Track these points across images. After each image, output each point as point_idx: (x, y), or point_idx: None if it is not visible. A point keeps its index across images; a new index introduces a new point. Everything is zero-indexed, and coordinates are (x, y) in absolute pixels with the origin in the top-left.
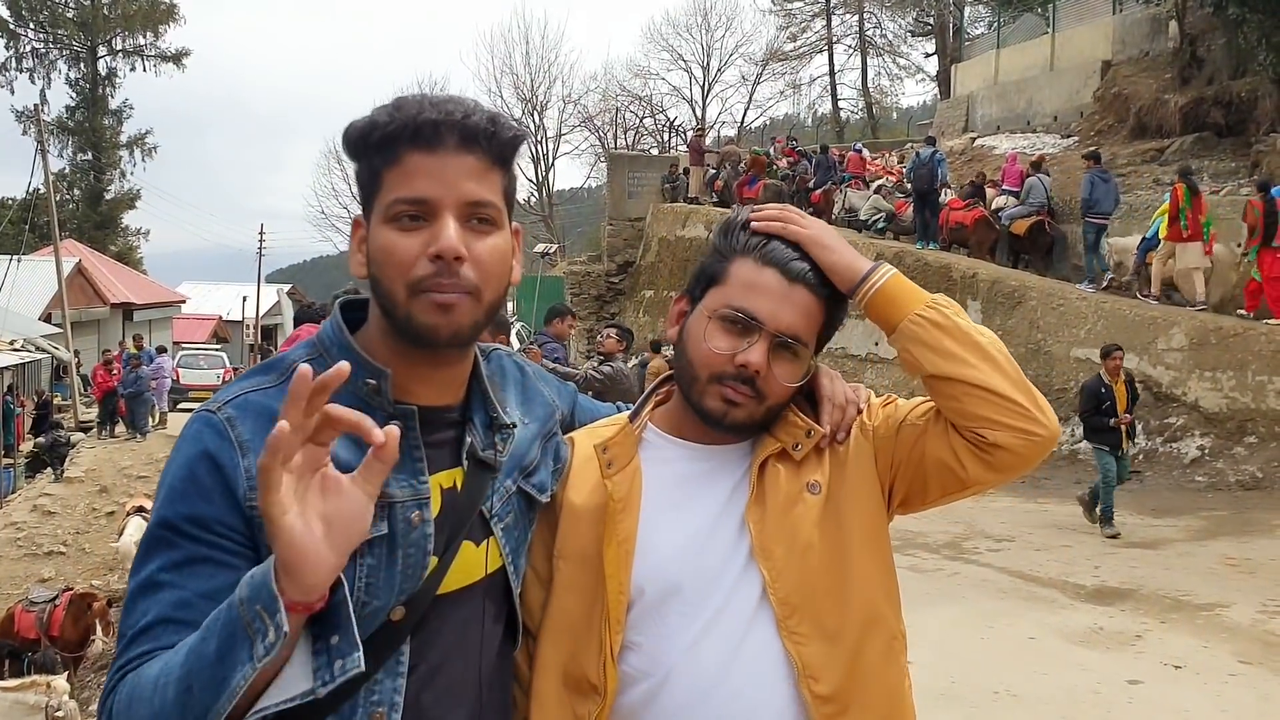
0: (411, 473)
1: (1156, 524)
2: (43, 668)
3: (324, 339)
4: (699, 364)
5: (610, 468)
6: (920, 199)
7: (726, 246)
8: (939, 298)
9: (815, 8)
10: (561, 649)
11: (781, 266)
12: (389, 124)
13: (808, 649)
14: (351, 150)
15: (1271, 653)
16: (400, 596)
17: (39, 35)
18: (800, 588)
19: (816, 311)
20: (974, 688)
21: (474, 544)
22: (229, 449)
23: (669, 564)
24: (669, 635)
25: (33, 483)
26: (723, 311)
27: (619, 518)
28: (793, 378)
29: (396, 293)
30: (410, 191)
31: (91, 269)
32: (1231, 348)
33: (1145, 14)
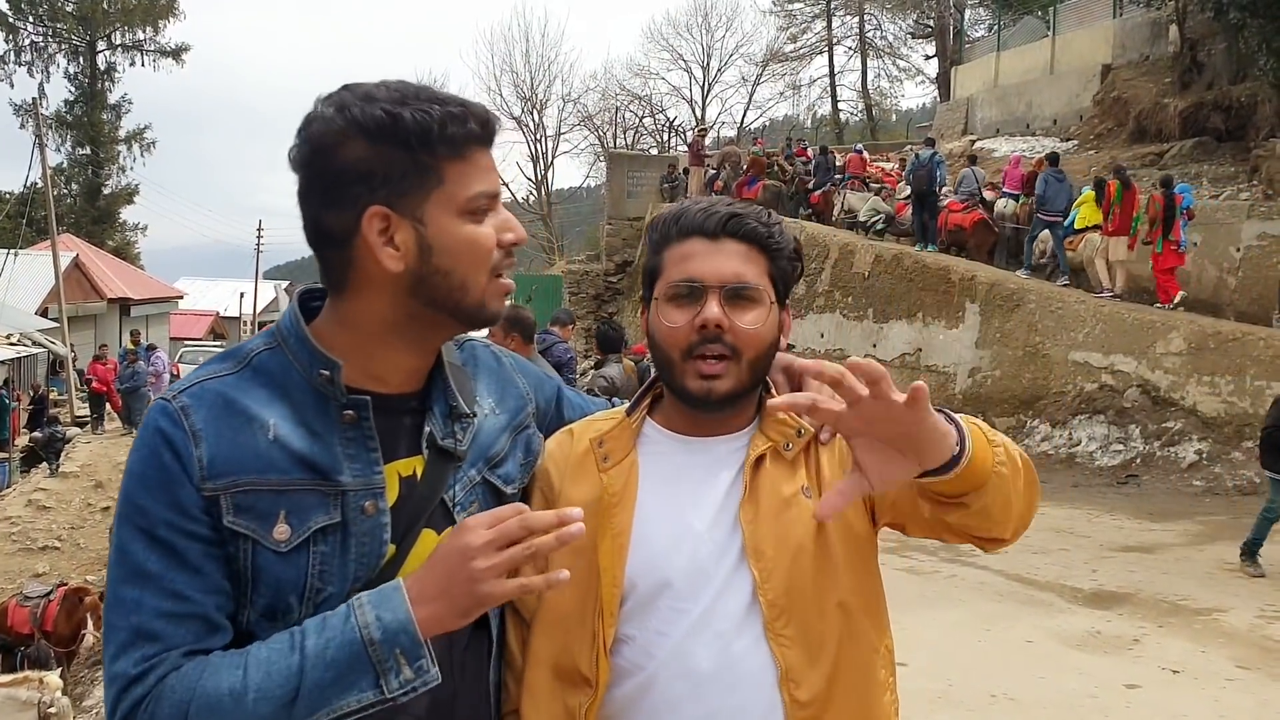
0: (366, 462)
1: (1154, 528)
2: (37, 663)
3: (283, 329)
4: (667, 346)
5: (606, 461)
6: (919, 201)
7: (656, 242)
8: (991, 434)
9: (816, 9)
10: (554, 640)
11: (699, 228)
12: (464, 120)
13: (791, 652)
14: (402, 140)
15: (1269, 658)
16: (355, 583)
17: (38, 29)
18: (788, 590)
19: (755, 255)
20: (971, 691)
21: (435, 532)
22: (184, 437)
23: (662, 559)
24: (661, 630)
25: (28, 477)
26: (668, 291)
27: (614, 511)
28: (758, 322)
29: (475, 281)
30: (486, 186)
31: (89, 264)
32: (1230, 352)
33: (1145, 18)
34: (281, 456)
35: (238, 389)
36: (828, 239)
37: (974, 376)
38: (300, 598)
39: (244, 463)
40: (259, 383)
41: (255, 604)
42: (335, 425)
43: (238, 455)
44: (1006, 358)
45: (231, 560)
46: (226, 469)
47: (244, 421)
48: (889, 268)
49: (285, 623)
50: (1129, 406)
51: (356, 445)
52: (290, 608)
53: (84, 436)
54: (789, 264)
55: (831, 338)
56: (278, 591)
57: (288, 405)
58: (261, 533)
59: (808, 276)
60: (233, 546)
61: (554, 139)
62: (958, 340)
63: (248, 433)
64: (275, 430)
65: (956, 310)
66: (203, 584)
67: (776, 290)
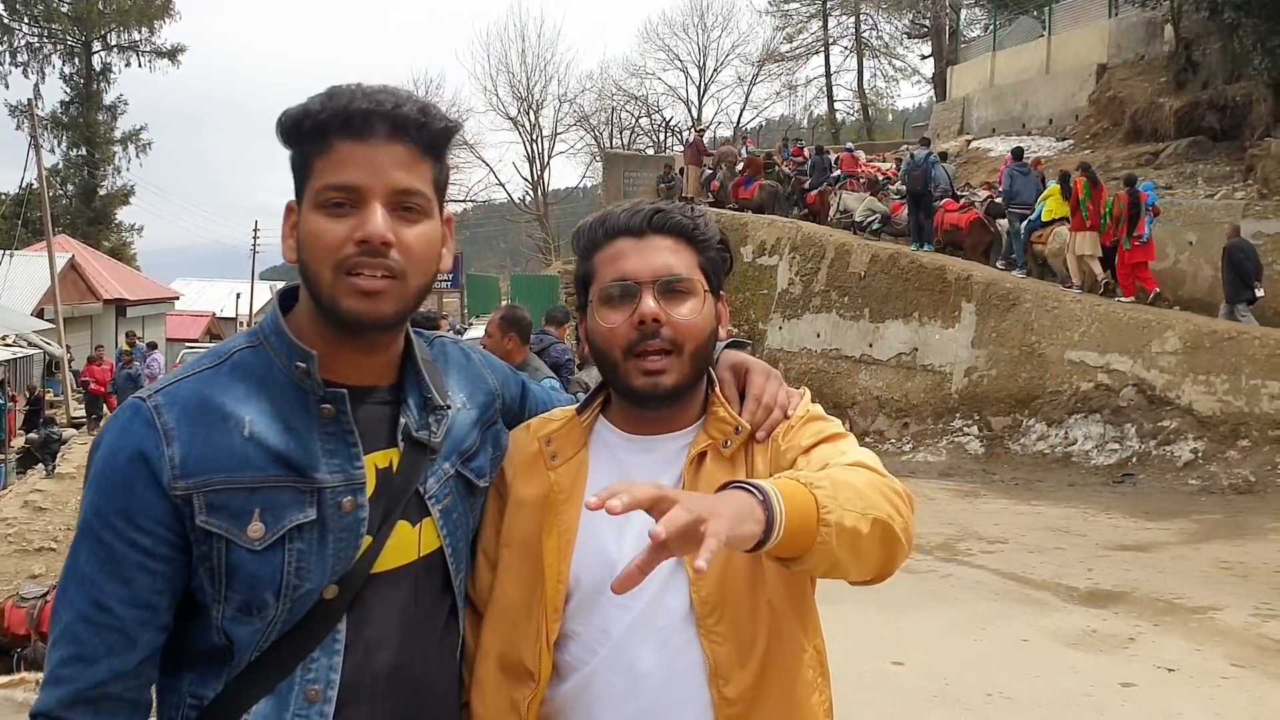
0: (346, 457)
1: (1149, 527)
2: (33, 664)
3: (264, 326)
4: (608, 347)
5: (554, 459)
6: (914, 201)
7: (585, 248)
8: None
9: (812, 9)
10: (501, 634)
11: (625, 227)
12: (320, 113)
13: (722, 649)
14: (285, 137)
15: (1264, 656)
16: (332, 577)
17: (33, 30)
18: (720, 588)
19: (683, 248)
20: (967, 689)
21: (409, 524)
22: (155, 437)
23: (606, 557)
24: (604, 627)
25: (24, 479)
26: (602, 293)
27: (561, 509)
28: (694, 313)
29: (323, 276)
30: (339, 178)
31: (85, 265)
32: (1225, 351)
33: (1141, 18)
34: (257, 453)
35: (215, 385)
36: (824, 239)
37: (970, 376)
38: (276, 594)
39: (218, 461)
40: (238, 378)
41: (230, 600)
42: (314, 421)
43: (211, 453)
44: (1002, 357)
45: (203, 560)
46: (199, 468)
47: (219, 419)
48: (885, 267)
49: (261, 619)
50: (1125, 405)
51: (336, 440)
52: (266, 604)
53: (80, 437)
54: (717, 254)
55: (828, 337)
56: (253, 588)
57: (266, 401)
58: (235, 532)
59: (804, 276)
60: (205, 545)
61: (550, 139)
62: (954, 340)
63: (222, 430)
64: (251, 427)
65: (953, 310)
66: (129, 596)
67: (709, 280)
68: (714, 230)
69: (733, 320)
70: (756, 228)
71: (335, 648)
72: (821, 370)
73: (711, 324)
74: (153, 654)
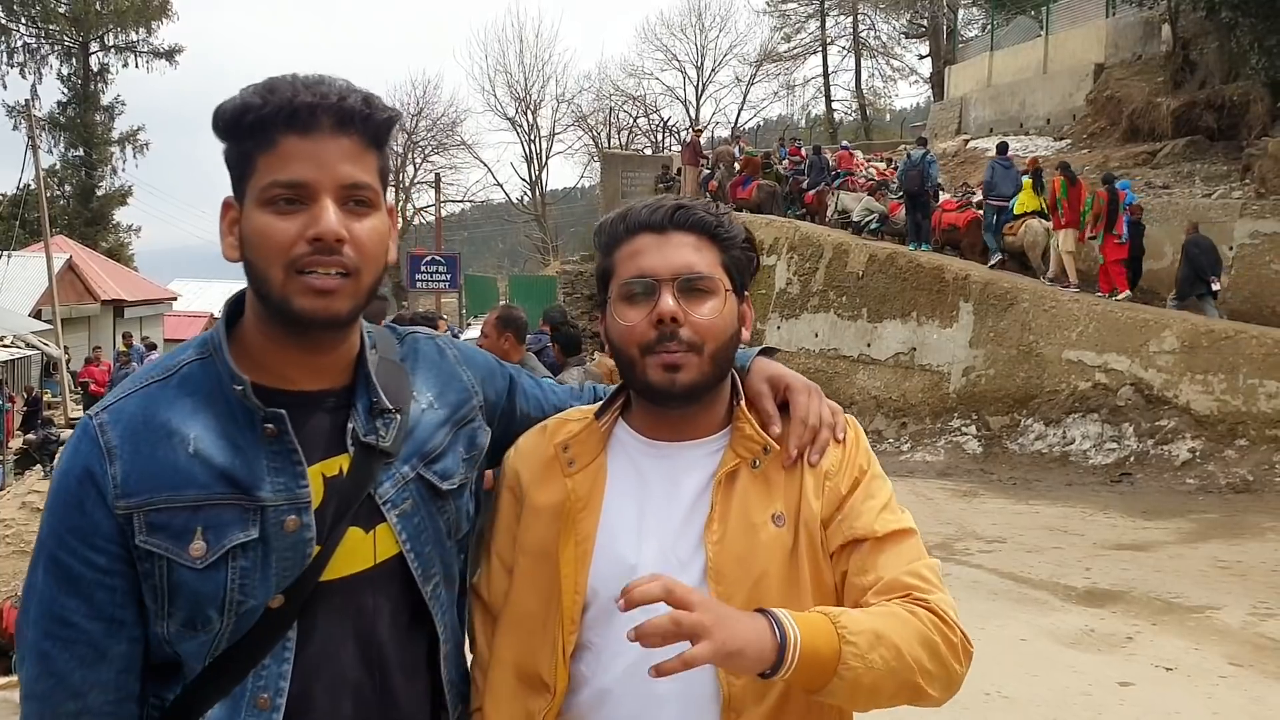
0: (291, 475)
1: (1147, 526)
2: None
3: (212, 338)
4: (626, 345)
5: (571, 466)
6: (912, 200)
7: (606, 244)
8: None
9: (809, 9)
10: (517, 643)
11: (646, 223)
12: (263, 107)
13: (738, 682)
14: (222, 133)
15: (1262, 655)
16: (277, 591)
17: (30, 30)
18: None
19: (706, 246)
20: (965, 689)
21: (362, 531)
22: (99, 456)
23: (624, 569)
24: (619, 643)
25: (22, 480)
26: (621, 290)
27: (579, 517)
28: (715, 312)
29: (273, 275)
30: (287, 175)
31: (82, 265)
32: (1223, 351)
33: (1138, 17)
34: (201, 470)
35: (161, 401)
36: (822, 238)
37: (968, 376)
38: (220, 610)
39: (160, 479)
40: (186, 392)
41: (174, 617)
42: (259, 438)
43: (153, 471)
44: (1000, 357)
45: (146, 578)
46: (140, 487)
47: (163, 436)
48: (883, 267)
49: (206, 633)
50: (1122, 405)
51: (281, 458)
52: (210, 619)
53: None
54: (742, 253)
55: (826, 337)
56: (196, 605)
57: (212, 416)
58: (176, 551)
59: (802, 276)
60: (148, 564)
61: (548, 139)
62: (952, 339)
63: (166, 447)
64: (196, 444)
65: (950, 309)
66: (90, 611)
67: (732, 280)
68: (739, 229)
69: None
70: (754, 227)
71: (285, 656)
72: (819, 370)
73: (733, 325)
74: (129, 666)
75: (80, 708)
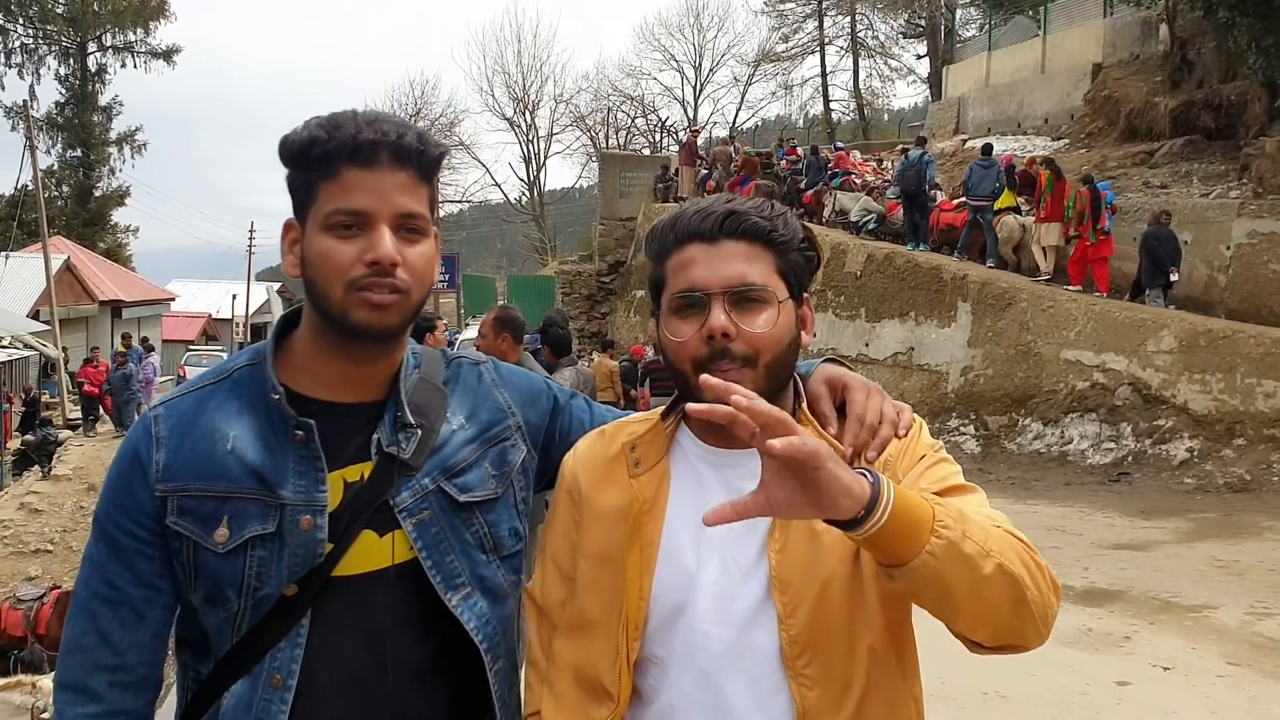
0: (311, 479)
1: (1145, 525)
2: (30, 666)
3: (263, 348)
4: (679, 360)
5: (638, 466)
6: (909, 200)
7: (657, 252)
8: (939, 505)
9: (807, 9)
10: (579, 648)
11: (696, 232)
12: (329, 141)
13: (812, 694)
14: (288, 162)
15: (1260, 654)
16: (290, 582)
17: (28, 31)
18: (812, 625)
19: (759, 253)
20: (963, 688)
21: (377, 534)
22: (149, 443)
23: (688, 577)
24: (686, 653)
25: (20, 480)
26: (672, 303)
27: (644, 520)
28: (770, 323)
29: (334, 293)
30: (349, 204)
31: (80, 266)
32: (1220, 350)
33: (1136, 17)
34: (235, 466)
35: (212, 402)
36: (820, 238)
37: (966, 375)
38: (238, 592)
39: (196, 469)
40: (235, 395)
41: (197, 591)
42: (290, 442)
43: (192, 462)
44: (999, 356)
45: (175, 554)
46: (178, 474)
47: (207, 432)
48: (881, 267)
49: (226, 611)
50: (1120, 404)
51: (306, 462)
52: (228, 599)
53: (76, 439)
54: (800, 255)
55: (824, 337)
56: (216, 584)
57: (253, 418)
58: (201, 534)
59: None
60: (176, 542)
61: (546, 140)
62: (950, 339)
63: (208, 443)
64: (234, 442)
65: (949, 309)
66: (133, 578)
67: (789, 285)
68: (795, 229)
69: None
70: None
71: (298, 641)
72: None
73: (791, 333)
74: (161, 632)
75: (118, 663)
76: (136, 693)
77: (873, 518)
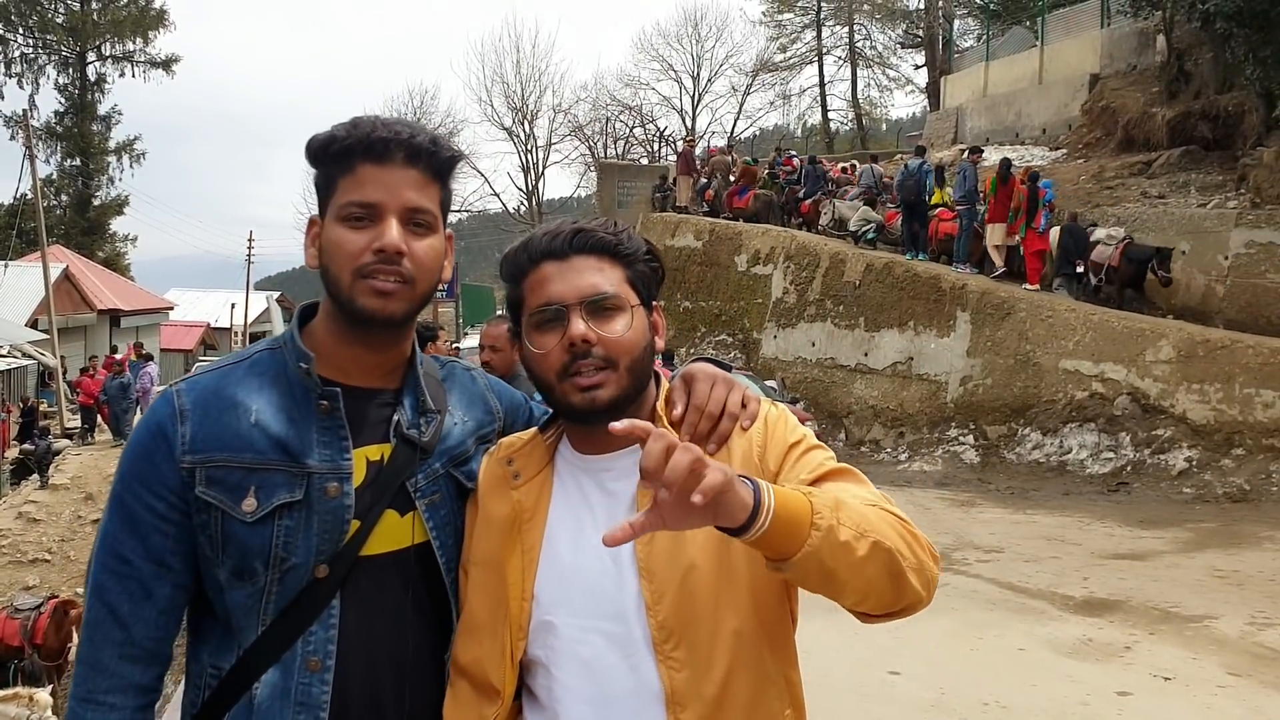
0: (336, 449)
1: (1144, 535)
2: (30, 677)
3: (284, 335)
4: (544, 371)
5: (517, 479)
6: (909, 210)
7: (513, 274)
8: (814, 497)
9: (805, 19)
10: (470, 651)
11: (548, 251)
12: (346, 138)
13: (680, 675)
14: (313, 159)
15: (1260, 665)
16: (320, 556)
17: (28, 40)
18: (677, 610)
19: (608, 265)
20: (963, 699)
21: (398, 514)
22: (172, 416)
23: (566, 577)
24: (569, 650)
25: (17, 490)
26: (532, 319)
27: (525, 528)
28: (626, 328)
29: (343, 279)
30: (361, 196)
31: (79, 275)
32: (1219, 360)
33: (1133, 28)
34: (260, 438)
35: (232, 379)
36: (819, 248)
37: (965, 385)
38: (265, 564)
39: (223, 441)
40: (255, 374)
41: (224, 565)
42: (313, 414)
43: (218, 434)
44: (998, 366)
45: (203, 528)
46: (205, 446)
47: (230, 406)
48: (880, 276)
49: (253, 585)
50: (1119, 414)
51: (330, 433)
52: (255, 572)
53: (74, 448)
54: (646, 266)
55: (823, 347)
56: (244, 555)
57: (276, 394)
58: (230, 504)
59: (798, 285)
60: (205, 514)
61: (545, 149)
62: (949, 349)
63: (232, 416)
64: (257, 415)
65: (948, 319)
66: (145, 551)
67: (639, 293)
68: (639, 243)
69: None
70: (751, 237)
71: (331, 622)
72: (817, 380)
73: (645, 337)
74: (169, 608)
75: (125, 637)
76: (146, 666)
77: (757, 523)
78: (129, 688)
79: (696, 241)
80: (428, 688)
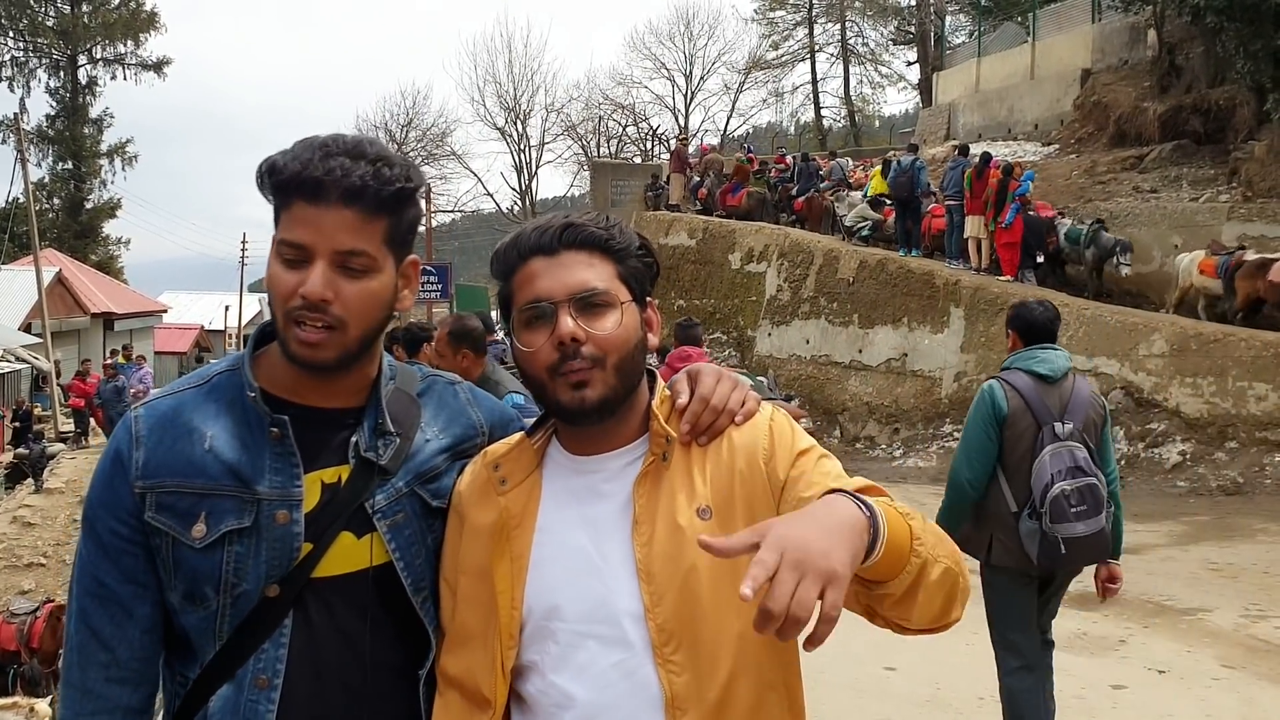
0: (288, 475)
1: (1138, 529)
2: (31, 683)
3: (241, 355)
4: (534, 369)
5: (504, 484)
6: (902, 207)
7: (502, 271)
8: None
9: (797, 16)
10: (460, 661)
11: (537, 246)
12: (283, 172)
13: (680, 679)
14: (259, 184)
15: (1254, 657)
16: (268, 580)
17: (18, 43)
18: (678, 613)
19: (599, 261)
20: (959, 694)
21: (354, 535)
22: (129, 442)
23: (559, 583)
24: (563, 656)
25: (12, 494)
26: (521, 316)
27: (514, 534)
28: (615, 325)
29: (278, 317)
30: (292, 236)
31: (72, 278)
32: (1212, 354)
33: (1124, 23)
34: (213, 463)
35: (191, 404)
36: (812, 245)
37: (959, 381)
38: (216, 589)
39: (174, 467)
40: (213, 398)
41: (176, 588)
42: (266, 440)
43: (170, 461)
44: (992, 361)
45: (156, 551)
46: (157, 471)
47: (185, 432)
48: (873, 273)
49: (205, 609)
50: (1112, 408)
51: (282, 459)
52: (207, 596)
53: (68, 452)
54: (639, 262)
55: (817, 344)
56: (194, 580)
57: (230, 420)
58: (179, 529)
59: (792, 282)
60: (156, 539)
61: (538, 149)
62: (943, 345)
63: (186, 442)
64: (211, 442)
65: (941, 315)
66: (120, 574)
67: (631, 290)
68: (631, 237)
69: (721, 327)
70: (744, 235)
71: (281, 641)
72: (811, 376)
73: (637, 334)
74: (151, 628)
75: (110, 659)
76: (134, 688)
77: (871, 558)
78: (117, 709)
79: (690, 240)
80: (391, 709)
